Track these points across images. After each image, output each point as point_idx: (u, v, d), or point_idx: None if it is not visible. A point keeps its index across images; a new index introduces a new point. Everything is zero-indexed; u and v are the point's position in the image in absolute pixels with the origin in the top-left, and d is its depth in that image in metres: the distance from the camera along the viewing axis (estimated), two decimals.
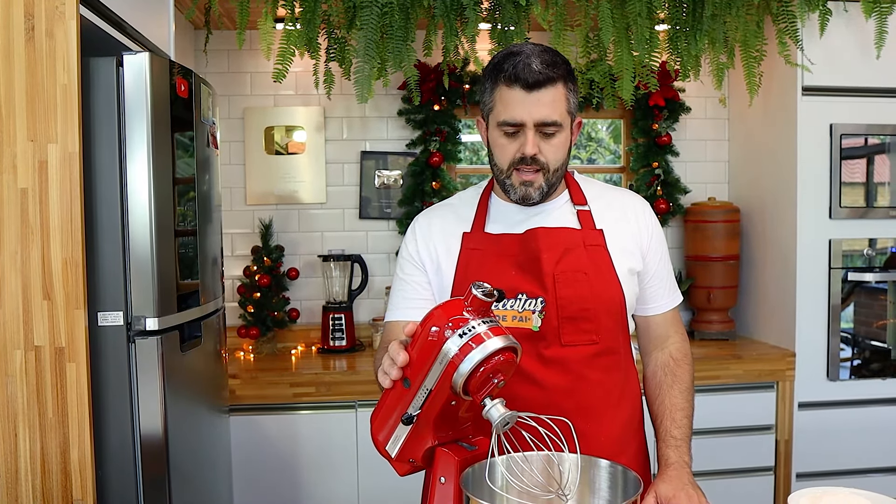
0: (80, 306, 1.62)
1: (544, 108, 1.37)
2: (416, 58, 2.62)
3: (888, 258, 2.87)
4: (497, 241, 1.48)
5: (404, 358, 1.10)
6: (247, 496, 2.63)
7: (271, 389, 2.65)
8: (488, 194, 1.56)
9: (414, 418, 1.09)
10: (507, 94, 1.38)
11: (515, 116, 1.38)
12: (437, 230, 1.54)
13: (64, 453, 1.64)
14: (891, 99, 2.85)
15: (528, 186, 1.43)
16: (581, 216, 1.49)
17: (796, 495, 1.29)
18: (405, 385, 1.09)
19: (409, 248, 1.56)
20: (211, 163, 2.11)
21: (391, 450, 1.16)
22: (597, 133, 3.65)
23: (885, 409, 2.89)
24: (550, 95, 1.38)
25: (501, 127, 1.40)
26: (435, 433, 1.12)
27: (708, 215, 3.17)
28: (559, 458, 1.16)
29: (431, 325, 1.06)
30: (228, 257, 3.14)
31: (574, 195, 1.52)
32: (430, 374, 1.06)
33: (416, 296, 1.53)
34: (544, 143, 1.40)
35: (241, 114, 3.15)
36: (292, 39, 2.55)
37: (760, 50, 2.75)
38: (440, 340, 1.04)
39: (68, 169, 1.61)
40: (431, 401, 1.07)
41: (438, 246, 1.52)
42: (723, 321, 3.18)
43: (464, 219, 1.54)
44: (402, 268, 1.56)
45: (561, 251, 1.43)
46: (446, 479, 1.11)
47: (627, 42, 2.64)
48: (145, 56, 1.71)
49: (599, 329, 1.44)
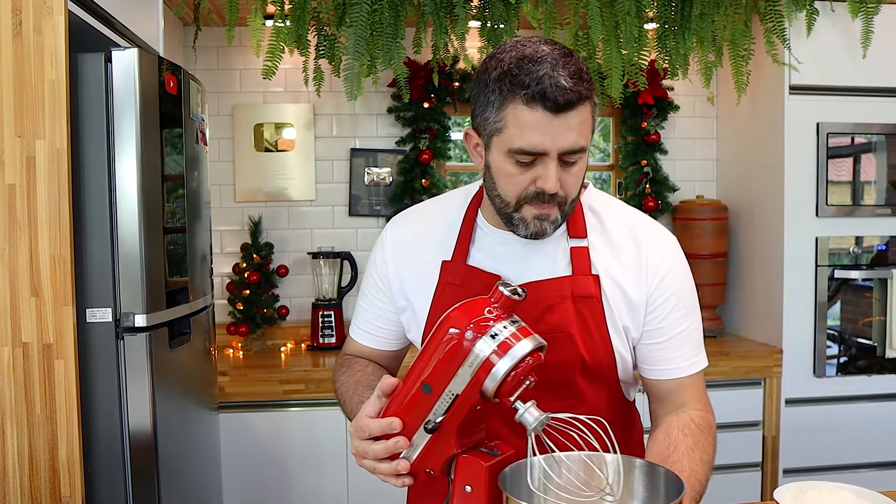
0: (69, 303, 1.62)
1: (572, 133, 1.10)
2: (406, 55, 2.62)
3: (874, 256, 2.90)
4: (478, 277, 1.25)
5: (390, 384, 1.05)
6: (236, 493, 2.63)
7: (261, 387, 2.65)
8: (474, 212, 1.31)
9: (438, 425, 1.03)
10: (526, 116, 1.08)
11: (537, 145, 1.09)
12: (409, 253, 1.33)
13: (52, 450, 1.64)
14: (877, 98, 2.88)
15: (543, 221, 1.17)
16: (575, 255, 1.23)
17: (781, 489, 1.30)
18: (425, 391, 1.03)
19: (378, 267, 1.36)
20: (200, 159, 2.11)
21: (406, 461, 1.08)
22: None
23: (871, 405, 2.92)
24: (579, 117, 1.10)
25: (515, 155, 1.12)
26: (458, 440, 1.05)
27: (696, 213, 3.18)
28: (599, 458, 1.08)
29: (453, 327, 1.00)
30: (217, 254, 3.14)
31: (572, 225, 1.25)
32: (456, 379, 1.00)
33: (380, 323, 1.39)
34: (564, 172, 1.13)
35: (231, 111, 3.15)
36: (282, 36, 2.55)
37: (748, 49, 2.77)
38: (468, 343, 0.99)
39: (56, 165, 1.60)
40: (457, 406, 1.01)
41: (410, 273, 1.32)
42: (711, 318, 3.20)
43: (443, 242, 1.31)
44: (367, 284, 1.39)
45: (542, 308, 1.20)
46: (473, 488, 1.04)
47: (616, 40, 2.65)
48: (134, 52, 1.71)
49: (581, 395, 1.25)
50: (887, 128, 2.88)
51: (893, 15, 2.79)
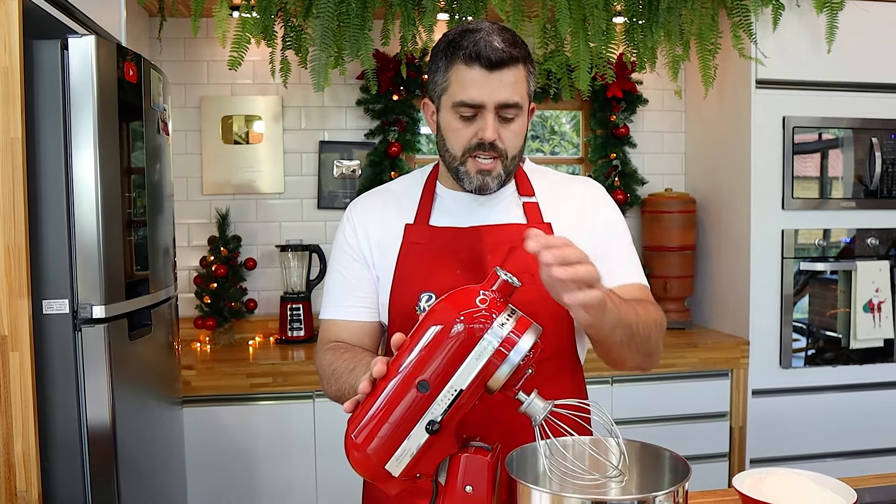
0: (24, 294, 1.59)
1: (506, 89, 1.27)
2: (374, 47, 2.61)
3: (841, 250, 2.93)
4: (441, 234, 1.38)
5: (380, 370, 0.99)
6: (202, 487, 2.60)
7: (227, 380, 2.62)
8: (433, 182, 1.46)
9: (438, 425, 0.97)
10: (466, 74, 1.27)
11: (475, 97, 1.27)
12: (375, 219, 1.44)
13: (7, 444, 1.60)
14: (842, 93, 2.91)
15: (485, 175, 1.32)
16: (527, 209, 1.40)
17: (741, 476, 1.31)
18: (422, 390, 0.97)
19: (348, 239, 1.45)
20: (162, 150, 2.08)
21: (395, 468, 0.99)
22: (560, 126, 3.67)
23: (836, 395, 2.96)
24: (513, 76, 1.27)
25: (457, 109, 1.29)
26: (456, 439, 1.02)
27: (664, 206, 3.20)
28: (604, 442, 1.10)
29: (449, 320, 0.97)
30: (185, 247, 3.10)
31: (521, 186, 1.43)
32: (459, 374, 0.96)
33: (360, 293, 1.43)
34: (503, 128, 1.30)
35: (198, 103, 3.11)
36: (248, 27, 2.53)
37: (715, 43, 2.79)
38: (473, 335, 0.96)
39: (10, 154, 1.57)
40: (460, 403, 0.97)
41: (377, 237, 1.42)
42: (679, 311, 3.22)
43: (405, 208, 1.44)
44: (339, 261, 1.45)
45: (506, 249, 1.33)
46: (474, 488, 1.00)
47: (584, 33, 2.66)
48: (91, 39, 1.68)
49: (544, 334, 1.36)
50: (853, 122, 2.91)
51: (857, 11, 2.82)
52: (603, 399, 2.82)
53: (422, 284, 1.36)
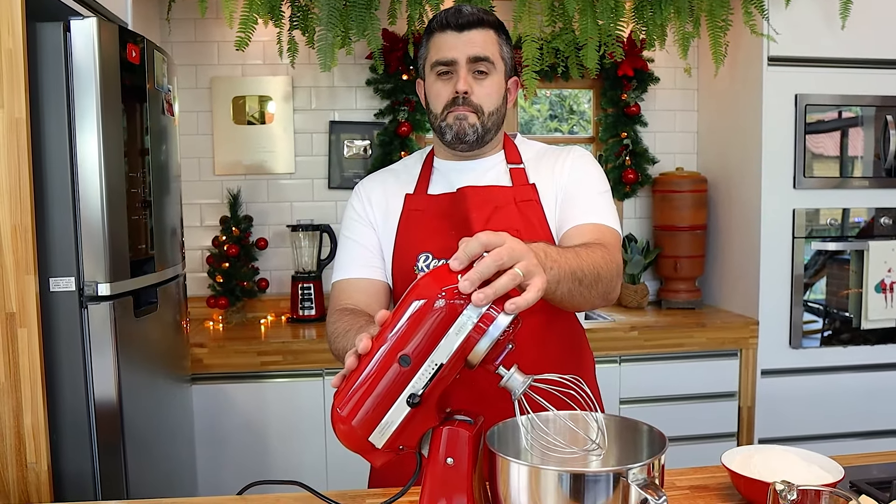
0: (31, 272, 1.63)
1: (475, 46, 1.42)
2: (381, 27, 2.61)
3: (854, 229, 2.90)
4: (437, 201, 1.49)
5: (366, 345, 1.01)
6: (212, 463, 2.66)
7: (238, 358, 2.66)
8: (432, 157, 1.58)
9: (419, 398, 0.99)
10: (440, 38, 1.43)
11: (447, 55, 1.42)
12: (380, 192, 1.55)
13: (17, 417, 1.65)
14: (855, 69, 2.86)
15: (462, 120, 1.43)
16: (514, 174, 1.50)
17: (730, 453, 1.32)
18: (403, 364, 0.99)
19: (357, 209, 1.56)
20: (168, 131, 2.10)
21: (378, 439, 1.02)
22: (579, 106, 3.65)
23: (846, 376, 2.94)
24: (482, 36, 1.43)
25: (435, 69, 1.44)
26: (438, 412, 1.04)
27: (675, 185, 3.18)
28: (583, 416, 1.11)
29: (431, 296, 0.98)
30: (197, 227, 3.14)
31: (509, 154, 1.54)
32: (439, 348, 0.98)
33: (369, 254, 1.52)
34: (476, 83, 1.43)
35: (209, 83, 3.14)
36: (255, 7, 2.53)
37: (726, 20, 2.75)
38: (453, 310, 0.97)
39: (15, 134, 1.60)
40: (440, 376, 0.99)
41: (381, 206, 1.53)
42: (689, 290, 3.21)
43: (406, 182, 1.55)
44: (349, 229, 1.55)
45: (490, 209, 1.43)
46: (455, 460, 1.02)
47: (592, 11, 2.64)
48: (93, 21, 1.70)
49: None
50: (867, 99, 2.87)
51: None
52: (611, 378, 2.83)
53: (420, 246, 1.46)
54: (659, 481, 0.97)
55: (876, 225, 2.92)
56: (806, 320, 2.91)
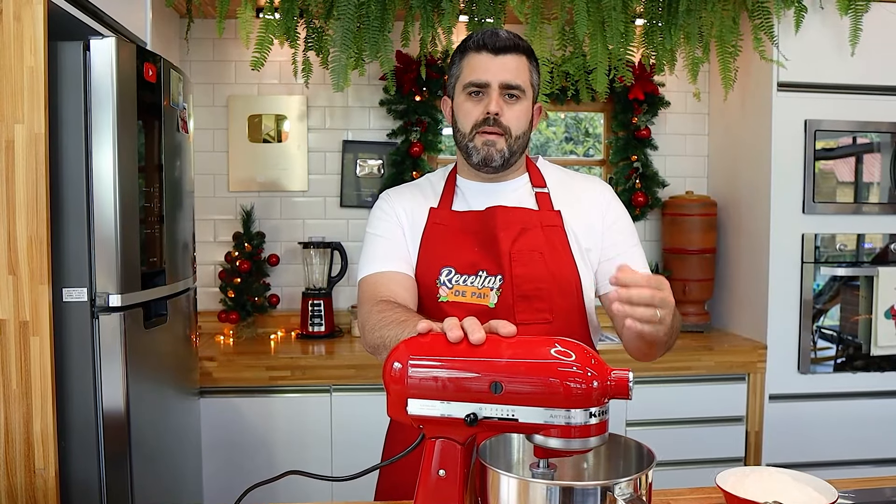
0: (45, 282, 1.68)
1: (509, 72, 1.46)
2: (394, 49, 2.66)
3: (863, 255, 2.90)
4: (460, 217, 1.53)
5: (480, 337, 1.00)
6: (218, 477, 2.68)
7: (247, 372, 2.70)
8: (455, 175, 1.62)
9: (476, 422, 0.99)
10: (475, 59, 1.47)
11: (482, 77, 1.46)
12: (408, 199, 1.59)
13: (27, 424, 1.69)
14: (865, 96, 2.88)
15: (490, 146, 1.47)
16: (539, 198, 1.54)
17: (725, 473, 1.33)
18: (493, 388, 0.98)
19: (386, 210, 1.58)
20: (182, 147, 2.15)
21: (415, 408, 1.02)
22: (595, 128, 3.68)
23: (855, 402, 2.92)
24: (515, 62, 1.47)
25: (467, 89, 1.47)
26: (470, 436, 1.04)
27: (685, 208, 3.20)
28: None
29: (570, 376, 0.97)
30: (210, 243, 3.19)
31: (533, 178, 1.58)
32: (528, 410, 0.97)
33: (400, 251, 1.53)
34: (507, 107, 1.47)
35: (226, 101, 3.20)
36: (271, 28, 2.60)
37: (735, 45, 2.78)
38: (571, 395, 0.97)
39: (34, 149, 1.66)
40: (504, 423, 0.99)
41: (408, 214, 1.57)
42: (698, 313, 3.21)
43: (430, 196, 1.59)
44: (378, 227, 1.57)
45: (518, 230, 1.48)
46: (447, 472, 1.03)
47: (602, 36, 2.68)
48: (112, 41, 1.76)
49: (553, 308, 1.47)
50: (877, 125, 2.88)
51: (882, 13, 2.79)
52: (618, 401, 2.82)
53: (442, 260, 1.50)
54: (646, 497, 0.98)
55: (886, 251, 2.91)
56: (820, 346, 2.90)
